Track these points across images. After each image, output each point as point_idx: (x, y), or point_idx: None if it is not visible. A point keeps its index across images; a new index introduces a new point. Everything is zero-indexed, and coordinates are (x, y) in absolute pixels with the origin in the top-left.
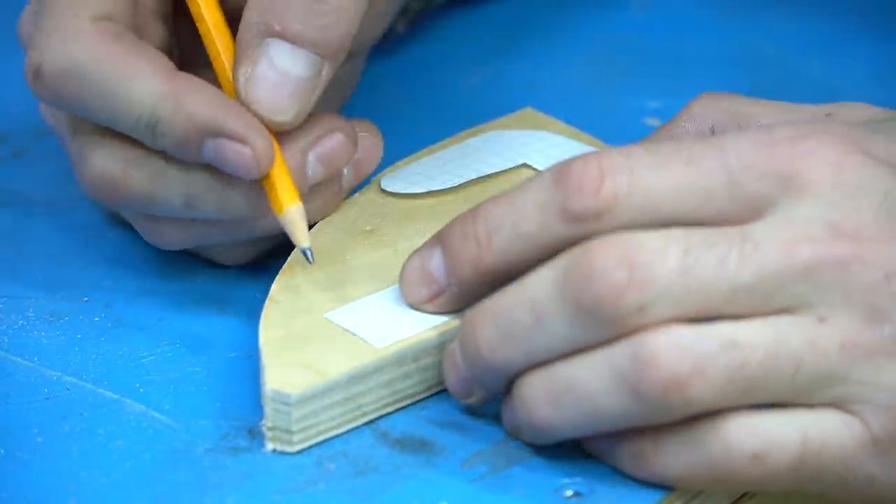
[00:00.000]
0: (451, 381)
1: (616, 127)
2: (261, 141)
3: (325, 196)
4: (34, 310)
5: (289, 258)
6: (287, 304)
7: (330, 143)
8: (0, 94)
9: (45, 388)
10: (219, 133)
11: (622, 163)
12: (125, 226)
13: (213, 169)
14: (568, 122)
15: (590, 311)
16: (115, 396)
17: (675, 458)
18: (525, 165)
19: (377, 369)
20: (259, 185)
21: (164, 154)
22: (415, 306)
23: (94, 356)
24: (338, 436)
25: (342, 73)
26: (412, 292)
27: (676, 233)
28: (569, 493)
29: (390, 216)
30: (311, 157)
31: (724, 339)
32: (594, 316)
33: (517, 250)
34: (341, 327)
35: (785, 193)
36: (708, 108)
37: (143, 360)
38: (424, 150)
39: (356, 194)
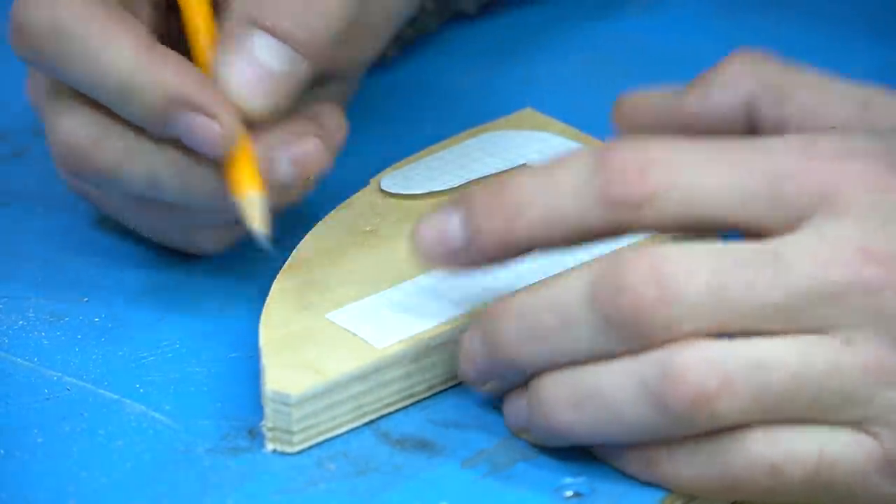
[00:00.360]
0: (467, 370)
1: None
2: (228, 118)
3: (285, 196)
4: (34, 310)
5: (289, 259)
6: (287, 304)
7: (304, 147)
8: (0, 94)
9: (45, 388)
10: (189, 106)
11: (668, 157)
12: (125, 226)
13: (180, 149)
14: (568, 122)
15: (618, 325)
16: (116, 397)
17: (688, 465)
18: (524, 166)
19: (378, 369)
20: (223, 172)
21: (135, 128)
22: (427, 263)
23: (94, 356)
24: (338, 436)
25: (331, 93)
26: (424, 250)
27: (707, 249)
28: (569, 493)
29: (390, 216)
30: (283, 157)
31: (751, 356)
32: (622, 329)
33: (547, 230)
34: (342, 327)
35: (822, 209)
36: (743, 74)
37: (143, 361)
38: (424, 151)
39: (356, 195)
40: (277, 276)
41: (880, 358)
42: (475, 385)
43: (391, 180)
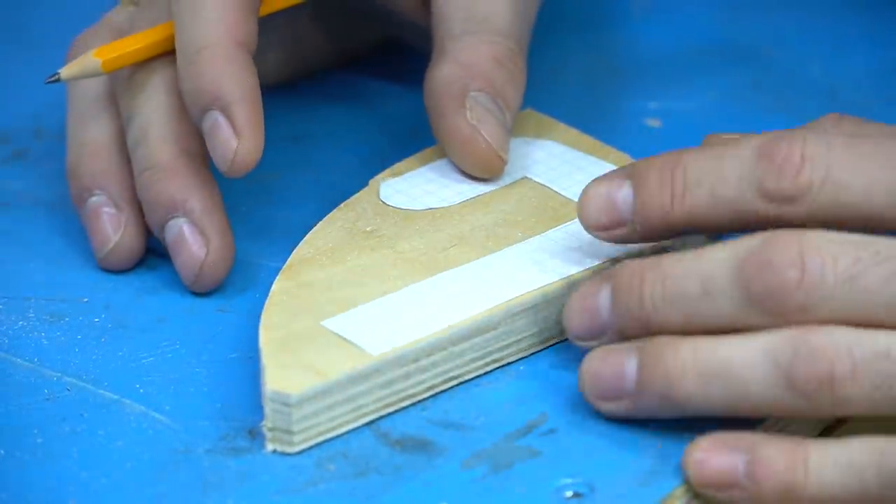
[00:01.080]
0: (582, 322)
1: (616, 127)
2: (254, 145)
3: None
4: (34, 310)
5: (289, 259)
6: (287, 304)
7: None
8: (0, 94)
9: (45, 388)
10: (225, 111)
11: (823, 154)
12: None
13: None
14: (568, 122)
15: (757, 300)
16: (116, 397)
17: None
18: (525, 178)
19: (377, 370)
20: None
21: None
22: (590, 229)
23: (94, 357)
24: (338, 436)
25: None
26: (591, 215)
27: (852, 239)
28: (569, 493)
29: (390, 217)
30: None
31: (879, 347)
32: (761, 305)
33: (709, 211)
34: (338, 335)
35: None
36: (836, 128)
37: (143, 361)
38: (423, 152)
39: (356, 195)
40: (277, 277)
41: None
42: (581, 338)
43: (390, 192)
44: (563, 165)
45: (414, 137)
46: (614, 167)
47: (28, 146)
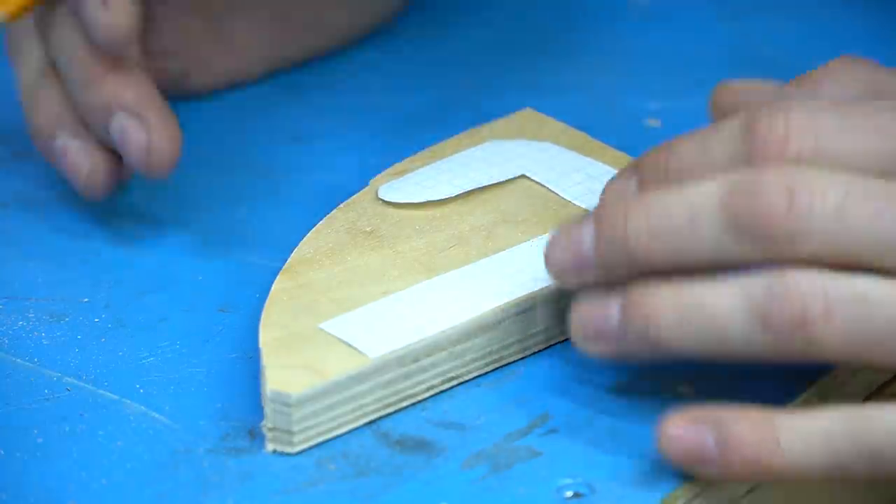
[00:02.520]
0: (565, 259)
1: (616, 127)
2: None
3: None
4: (34, 310)
5: (289, 259)
6: (287, 304)
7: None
8: (0, 94)
9: (45, 388)
10: (132, 114)
11: (809, 124)
12: (125, 226)
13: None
14: (568, 122)
15: (745, 229)
16: (116, 397)
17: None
18: (524, 177)
19: (377, 370)
20: None
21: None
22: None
23: (94, 357)
24: (338, 436)
25: None
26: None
27: (843, 176)
28: (569, 493)
29: (390, 217)
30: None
31: (857, 291)
32: (748, 234)
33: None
34: (336, 337)
35: None
36: (852, 73)
37: (143, 361)
38: (423, 152)
39: (356, 195)
40: (277, 277)
41: None
42: (565, 277)
43: (388, 189)
44: (563, 166)
45: (414, 137)
46: (613, 167)
47: (28, 146)
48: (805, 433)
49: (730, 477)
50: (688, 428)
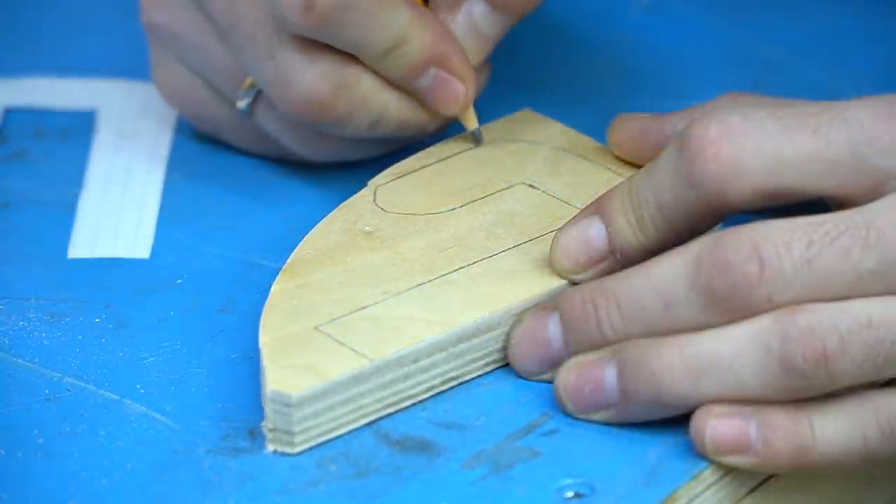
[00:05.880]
0: (533, 356)
1: None
2: (472, 85)
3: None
4: (35, 311)
5: (289, 259)
6: (287, 305)
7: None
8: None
9: (45, 389)
10: (444, 66)
11: (740, 126)
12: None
13: (402, 94)
14: (567, 122)
15: (721, 300)
16: (116, 397)
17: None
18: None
19: (377, 370)
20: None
21: (369, 79)
22: (566, 273)
23: (94, 357)
24: (339, 437)
25: None
26: (568, 258)
27: (800, 223)
28: (569, 493)
29: (390, 218)
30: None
31: (860, 317)
32: (725, 304)
33: (664, 222)
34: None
35: None
36: (738, 105)
37: (143, 362)
38: (422, 153)
39: (356, 195)
40: (277, 277)
41: None
42: (532, 371)
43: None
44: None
45: (413, 138)
46: (612, 168)
47: (28, 146)
48: (835, 420)
49: (769, 466)
50: (732, 418)
